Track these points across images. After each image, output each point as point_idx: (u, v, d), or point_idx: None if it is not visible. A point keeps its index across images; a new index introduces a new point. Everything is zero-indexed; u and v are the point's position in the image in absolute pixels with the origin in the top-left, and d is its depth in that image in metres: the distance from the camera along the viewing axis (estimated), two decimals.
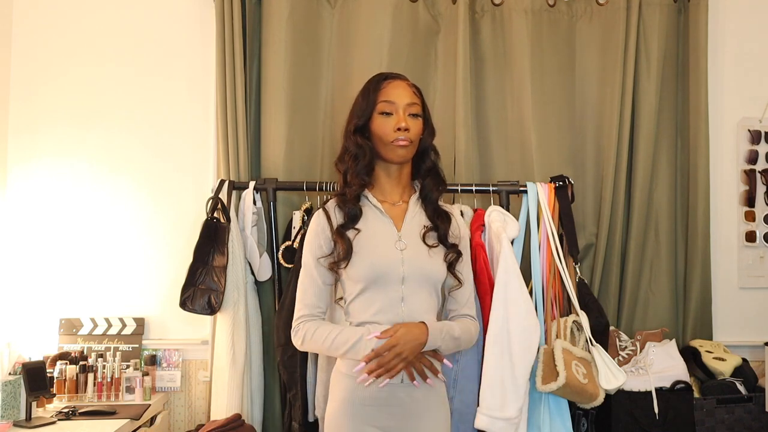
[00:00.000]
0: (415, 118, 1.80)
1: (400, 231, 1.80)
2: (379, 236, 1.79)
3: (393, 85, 1.82)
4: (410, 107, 1.80)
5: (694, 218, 2.71)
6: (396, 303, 1.76)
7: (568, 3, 2.76)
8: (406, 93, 1.81)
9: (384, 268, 1.74)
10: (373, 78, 1.86)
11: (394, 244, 1.78)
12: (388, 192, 1.85)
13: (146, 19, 2.70)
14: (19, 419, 2.16)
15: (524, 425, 2.20)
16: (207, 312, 2.38)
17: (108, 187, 2.66)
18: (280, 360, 2.36)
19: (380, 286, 1.75)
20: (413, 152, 1.83)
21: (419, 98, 1.84)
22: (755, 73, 2.84)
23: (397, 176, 1.85)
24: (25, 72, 2.66)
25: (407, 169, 1.87)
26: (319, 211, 1.84)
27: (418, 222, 1.84)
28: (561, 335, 2.31)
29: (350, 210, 1.80)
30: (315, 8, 2.67)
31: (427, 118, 1.86)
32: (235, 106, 2.55)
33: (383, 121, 1.79)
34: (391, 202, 1.85)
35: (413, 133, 1.79)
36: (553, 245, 2.42)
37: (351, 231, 1.78)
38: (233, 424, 2.27)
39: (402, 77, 1.86)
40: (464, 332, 1.82)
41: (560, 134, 2.72)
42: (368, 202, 1.83)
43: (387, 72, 1.90)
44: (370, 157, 1.81)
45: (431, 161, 1.87)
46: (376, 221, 1.81)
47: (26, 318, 2.56)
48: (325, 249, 1.79)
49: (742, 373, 2.51)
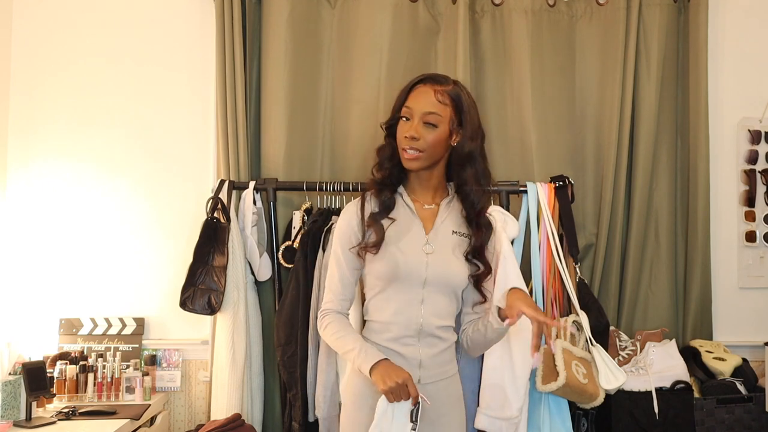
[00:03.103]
0: (430, 128, 1.74)
1: (429, 234, 1.80)
2: (408, 235, 1.78)
3: (418, 91, 1.77)
4: (427, 116, 1.74)
5: (694, 218, 2.71)
6: (415, 305, 1.76)
7: (568, 3, 2.76)
8: (427, 101, 1.75)
9: (408, 269, 1.74)
10: (412, 80, 1.82)
11: (422, 247, 1.77)
12: (419, 193, 1.85)
13: (146, 19, 2.69)
14: (19, 419, 2.16)
15: (524, 425, 2.21)
16: (207, 312, 2.38)
17: (108, 187, 2.66)
18: (280, 360, 2.36)
19: (401, 285, 1.75)
20: (429, 161, 1.77)
21: (448, 105, 1.76)
22: (755, 73, 2.84)
23: (426, 179, 1.83)
24: (25, 72, 2.66)
25: (437, 173, 1.83)
26: (356, 199, 1.86)
27: (448, 226, 1.82)
28: (561, 335, 2.31)
29: (384, 199, 1.80)
30: (315, 8, 2.67)
31: (464, 124, 1.77)
32: (235, 106, 2.55)
33: (402, 126, 1.78)
34: (422, 203, 1.84)
35: (424, 143, 1.73)
36: (553, 245, 2.42)
37: (386, 220, 1.78)
38: (233, 424, 2.27)
39: (435, 81, 1.78)
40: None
41: (560, 134, 2.72)
42: (402, 200, 1.83)
43: (426, 75, 1.82)
44: (390, 154, 1.81)
45: (473, 170, 1.79)
46: (407, 219, 1.81)
47: (26, 318, 2.56)
48: (358, 233, 1.79)
49: (742, 373, 2.51)
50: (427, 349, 1.77)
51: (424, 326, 1.76)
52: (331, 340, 1.80)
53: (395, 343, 1.76)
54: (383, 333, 1.77)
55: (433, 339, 1.78)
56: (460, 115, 1.77)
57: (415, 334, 1.76)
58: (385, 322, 1.77)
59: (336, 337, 1.77)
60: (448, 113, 1.76)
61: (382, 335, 1.77)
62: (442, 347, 1.79)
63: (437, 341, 1.78)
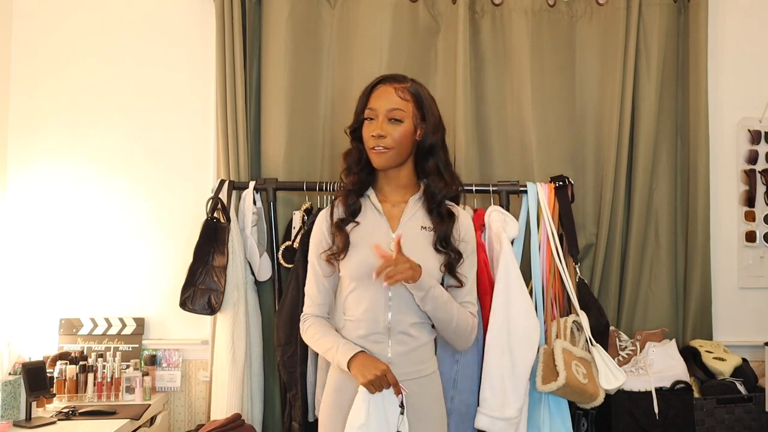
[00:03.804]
0: (396, 123, 1.80)
1: (395, 232, 1.82)
2: (374, 235, 1.82)
3: (379, 91, 1.83)
4: (391, 112, 1.80)
5: (694, 218, 2.71)
6: (383, 303, 1.79)
7: (568, 3, 2.76)
8: (390, 99, 1.81)
9: (373, 266, 1.75)
10: (370, 83, 1.88)
11: (387, 245, 1.79)
12: (388, 193, 1.89)
13: (146, 19, 2.69)
14: (19, 419, 2.16)
15: (524, 425, 2.21)
16: (207, 312, 2.38)
17: (108, 187, 2.66)
18: (280, 360, 2.36)
19: (369, 284, 1.78)
20: (397, 158, 1.83)
21: (410, 101, 1.82)
22: (755, 73, 2.84)
23: (394, 178, 1.87)
24: (25, 72, 2.66)
25: (406, 170, 1.88)
26: (327, 207, 1.92)
27: (416, 222, 1.85)
28: (561, 335, 2.31)
29: (350, 205, 1.85)
30: (315, 8, 2.67)
31: (426, 118, 1.84)
32: (235, 105, 2.55)
33: (367, 126, 1.84)
34: (391, 203, 1.88)
35: (390, 141, 1.79)
36: (553, 245, 2.42)
37: (350, 225, 1.84)
38: (233, 424, 2.27)
39: (393, 80, 1.85)
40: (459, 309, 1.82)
41: (560, 134, 2.72)
42: (369, 201, 1.88)
43: (383, 75, 1.89)
44: (357, 158, 1.87)
45: (434, 161, 1.86)
46: (374, 220, 1.85)
47: (26, 318, 2.56)
48: (329, 239, 1.86)
49: (742, 373, 2.51)
50: (398, 346, 1.78)
51: (393, 324, 1.79)
52: (311, 342, 1.86)
53: (365, 340, 1.79)
54: (355, 331, 1.81)
55: (404, 337, 1.79)
56: (422, 110, 1.84)
57: (384, 332, 1.79)
58: (356, 320, 1.82)
59: (316, 338, 1.84)
60: (411, 108, 1.82)
61: (354, 333, 1.81)
62: (413, 345, 1.80)
63: (408, 339, 1.79)
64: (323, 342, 1.82)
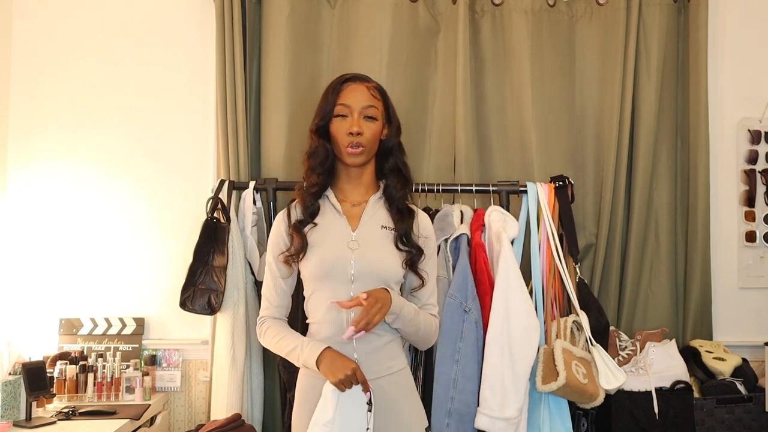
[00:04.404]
0: (370, 121, 1.79)
1: (355, 231, 1.80)
2: (332, 235, 1.79)
3: (351, 88, 1.81)
4: (366, 110, 1.79)
5: (694, 218, 2.71)
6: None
7: (568, 3, 2.76)
8: (363, 96, 1.80)
9: (332, 265, 1.74)
10: (336, 79, 1.86)
11: (347, 244, 1.78)
12: (349, 192, 1.86)
13: (146, 19, 2.70)
14: (19, 419, 2.16)
15: (524, 425, 2.21)
16: (207, 312, 2.38)
17: (108, 187, 2.66)
18: (280, 360, 2.35)
19: (329, 284, 1.76)
20: (369, 156, 1.82)
21: (380, 100, 1.83)
22: (755, 73, 2.84)
23: (357, 177, 1.85)
24: (25, 72, 2.66)
25: (369, 170, 1.86)
26: (284, 209, 1.88)
27: (377, 222, 1.83)
28: (561, 335, 2.31)
29: (308, 206, 1.83)
30: (315, 8, 2.67)
31: (391, 118, 1.85)
32: (235, 105, 2.55)
33: (339, 124, 1.80)
34: (351, 203, 1.85)
35: (366, 138, 1.78)
36: (553, 245, 2.42)
37: (308, 226, 1.81)
38: (233, 424, 2.27)
39: (363, 79, 1.85)
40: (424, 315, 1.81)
41: (560, 134, 2.72)
42: (328, 201, 1.85)
43: (350, 74, 1.87)
44: (324, 157, 1.83)
45: (394, 160, 1.86)
46: (333, 220, 1.82)
47: (26, 318, 2.56)
48: (287, 241, 1.82)
49: (742, 373, 2.51)
50: (363, 346, 1.75)
51: None
52: (271, 345, 1.82)
53: (329, 342, 1.74)
54: (318, 333, 1.78)
55: (368, 336, 1.74)
56: (388, 110, 1.85)
57: None
58: (318, 321, 1.78)
59: (276, 340, 1.79)
60: (381, 107, 1.83)
61: (318, 336, 1.78)
62: (379, 343, 1.77)
63: (374, 337, 1.76)
64: (285, 342, 1.78)
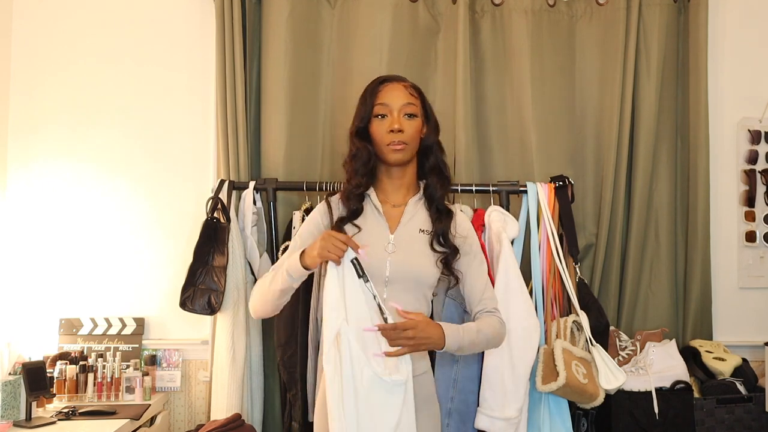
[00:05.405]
0: (411, 119, 1.80)
1: (393, 234, 1.80)
2: (372, 237, 1.79)
3: (389, 88, 1.82)
4: (406, 107, 1.80)
5: (694, 218, 2.71)
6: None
7: (568, 3, 2.76)
8: (402, 94, 1.81)
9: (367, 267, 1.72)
10: (372, 82, 1.87)
11: (384, 247, 1.78)
12: (390, 193, 1.86)
13: (146, 19, 2.70)
14: (19, 419, 2.16)
15: (524, 425, 2.21)
16: (207, 312, 2.38)
17: (108, 187, 2.66)
18: (280, 360, 2.36)
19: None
20: (411, 153, 1.82)
21: (417, 98, 1.84)
22: (755, 73, 2.84)
23: (399, 177, 1.85)
24: (25, 72, 2.66)
25: (411, 170, 1.86)
26: (323, 202, 1.88)
27: (415, 224, 1.83)
28: (561, 335, 2.31)
29: (352, 206, 1.82)
30: (315, 8, 2.67)
31: (429, 116, 1.86)
32: (235, 105, 2.55)
33: (379, 124, 1.80)
34: (392, 204, 1.85)
35: (408, 135, 1.78)
36: (553, 245, 2.42)
37: (351, 228, 1.80)
38: (233, 424, 2.27)
39: (399, 79, 1.86)
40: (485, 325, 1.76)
41: (560, 134, 2.72)
42: (370, 202, 1.85)
43: (385, 75, 1.89)
44: (367, 158, 1.82)
45: (435, 159, 1.86)
46: (374, 222, 1.82)
47: (26, 318, 2.56)
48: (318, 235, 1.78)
49: (742, 373, 2.52)
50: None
51: None
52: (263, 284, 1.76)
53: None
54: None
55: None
56: (426, 108, 1.86)
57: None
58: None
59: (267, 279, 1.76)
60: (419, 105, 1.84)
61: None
62: None
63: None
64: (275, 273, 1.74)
